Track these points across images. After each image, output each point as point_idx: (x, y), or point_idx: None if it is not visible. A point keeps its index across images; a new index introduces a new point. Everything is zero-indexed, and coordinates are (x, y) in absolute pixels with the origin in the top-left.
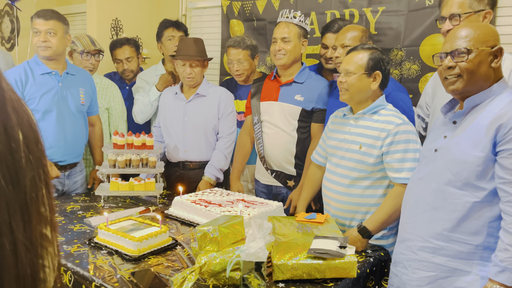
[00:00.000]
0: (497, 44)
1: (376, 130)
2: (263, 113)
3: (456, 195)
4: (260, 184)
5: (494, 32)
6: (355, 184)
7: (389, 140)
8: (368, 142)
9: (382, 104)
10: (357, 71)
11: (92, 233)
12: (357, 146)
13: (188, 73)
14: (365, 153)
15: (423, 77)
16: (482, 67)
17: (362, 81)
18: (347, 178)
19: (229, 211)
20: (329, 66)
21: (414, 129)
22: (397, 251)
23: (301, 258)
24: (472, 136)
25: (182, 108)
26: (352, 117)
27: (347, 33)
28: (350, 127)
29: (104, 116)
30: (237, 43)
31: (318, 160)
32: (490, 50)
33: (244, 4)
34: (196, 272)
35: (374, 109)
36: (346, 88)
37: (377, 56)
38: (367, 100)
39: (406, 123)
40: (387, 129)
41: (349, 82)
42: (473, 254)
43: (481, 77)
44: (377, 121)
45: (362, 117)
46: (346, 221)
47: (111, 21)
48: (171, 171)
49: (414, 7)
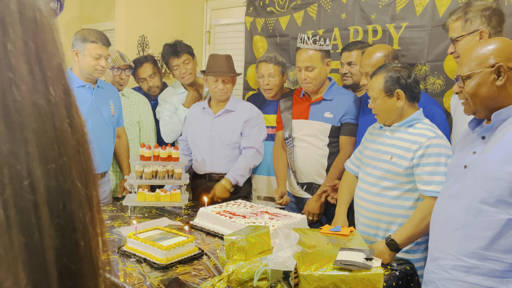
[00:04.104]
0: (499, 60)
1: (408, 142)
2: (294, 130)
3: (490, 213)
4: (290, 195)
5: (495, 49)
6: (384, 193)
7: (421, 152)
8: (399, 152)
9: (418, 118)
10: (379, 95)
11: (121, 242)
12: (388, 156)
13: (221, 89)
14: (395, 163)
15: (447, 91)
16: (483, 88)
17: (386, 104)
18: (377, 186)
19: (254, 222)
20: (346, 82)
21: (447, 144)
22: (429, 270)
23: (327, 269)
24: (503, 152)
25: (210, 122)
26: (388, 129)
27: (370, 59)
28: (385, 139)
29: (136, 129)
30: (270, 58)
31: (351, 169)
32: (489, 70)
33: (267, 20)
34: (225, 280)
35: (410, 123)
36: (376, 113)
37: (393, 75)
38: (400, 116)
39: (439, 137)
40: (419, 142)
41: (376, 107)
42: (508, 272)
43: (485, 98)
44: (411, 133)
45: (397, 130)
46: (372, 229)
47: (138, 38)
48: (197, 183)
49: (438, 22)
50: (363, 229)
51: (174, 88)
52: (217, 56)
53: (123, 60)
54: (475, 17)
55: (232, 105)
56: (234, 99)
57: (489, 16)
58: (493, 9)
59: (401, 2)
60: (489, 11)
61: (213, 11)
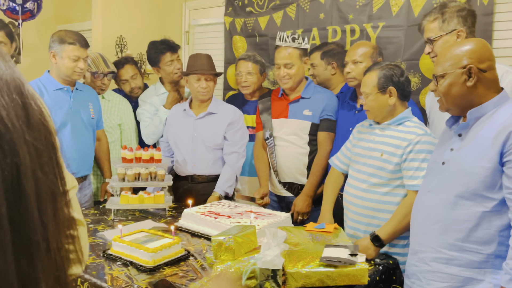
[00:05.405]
0: (471, 62)
1: (399, 139)
2: (275, 129)
3: (466, 206)
4: (272, 194)
5: (468, 51)
6: (373, 189)
7: (409, 148)
8: (389, 150)
9: (408, 116)
10: (371, 91)
11: (105, 246)
12: (379, 154)
13: (204, 87)
14: (386, 160)
15: (423, 89)
16: (454, 88)
17: (378, 100)
18: (366, 183)
19: (239, 222)
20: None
21: (435, 141)
22: (410, 263)
23: (313, 266)
24: (478, 148)
25: (192, 124)
26: (378, 127)
27: (357, 49)
28: (375, 136)
29: (117, 132)
30: (249, 56)
31: (338, 165)
32: (461, 71)
33: (246, 20)
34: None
35: (400, 121)
36: (367, 109)
37: (387, 72)
38: (391, 114)
39: (428, 135)
40: (408, 139)
41: (368, 103)
42: (486, 263)
43: (456, 97)
44: (401, 131)
45: (387, 127)
46: (361, 225)
47: (116, 38)
48: (179, 184)
49: (413, 22)
50: (352, 225)
51: (155, 89)
52: (198, 55)
53: (106, 65)
54: (452, 17)
55: (214, 107)
56: (216, 100)
57: (465, 16)
58: (468, 10)
59: (378, 2)
60: (464, 11)
61: (191, 11)
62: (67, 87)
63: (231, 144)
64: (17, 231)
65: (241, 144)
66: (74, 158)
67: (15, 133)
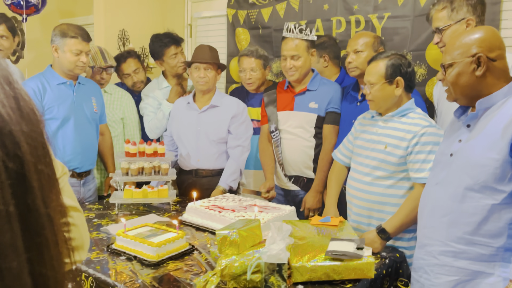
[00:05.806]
0: (480, 51)
1: (403, 131)
2: (280, 122)
3: (475, 198)
4: (277, 187)
5: (477, 39)
6: (377, 182)
7: (415, 140)
8: (393, 142)
9: (411, 108)
10: (378, 81)
11: (109, 240)
12: (382, 146)
13: (202, 76)
14: (390, 153)
15: (429, 80)
16: (463, 77)
17: (385, 90)
18: (370, 176)
19: (243, 216)
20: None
21: (441, 132)
22: (417, 257)
23: (319, 260)
24: (487, 139)
25: (196, 118)
26: (381, 118)
27: (358, 39)
28: (378, 128)
29: (120, 126)
30: (251, 52)
31: (340, 159)
32: (470, 60)
33: (249, 12)
34: (218, 274)
35: (403, 112)
36: (371, 99)
37: (395, 62)
38: (395, 105)
39: (433, 126)
40: (413, 131)
41: (373, 93)
42: (495, 256)
43: (465, 87)
44: (405, 123)
45: (391, 119)
46: (365, 219)
47: (118, 32)
48: (183, 178)
49: (420, 12)
50: (356, 219)
51: (157, 83)
52: (202, 47)
53: (104, 60)
54: (461, 6)
55: (217, 99)
56: (219, 93)
57: (475, 5)
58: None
59: None
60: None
61: (194, 3)
62: (69, 81)
63: (235, 137)
64: (27, 228)
65: (245, 137)
66: (78, 152)
67: (13, 125)
